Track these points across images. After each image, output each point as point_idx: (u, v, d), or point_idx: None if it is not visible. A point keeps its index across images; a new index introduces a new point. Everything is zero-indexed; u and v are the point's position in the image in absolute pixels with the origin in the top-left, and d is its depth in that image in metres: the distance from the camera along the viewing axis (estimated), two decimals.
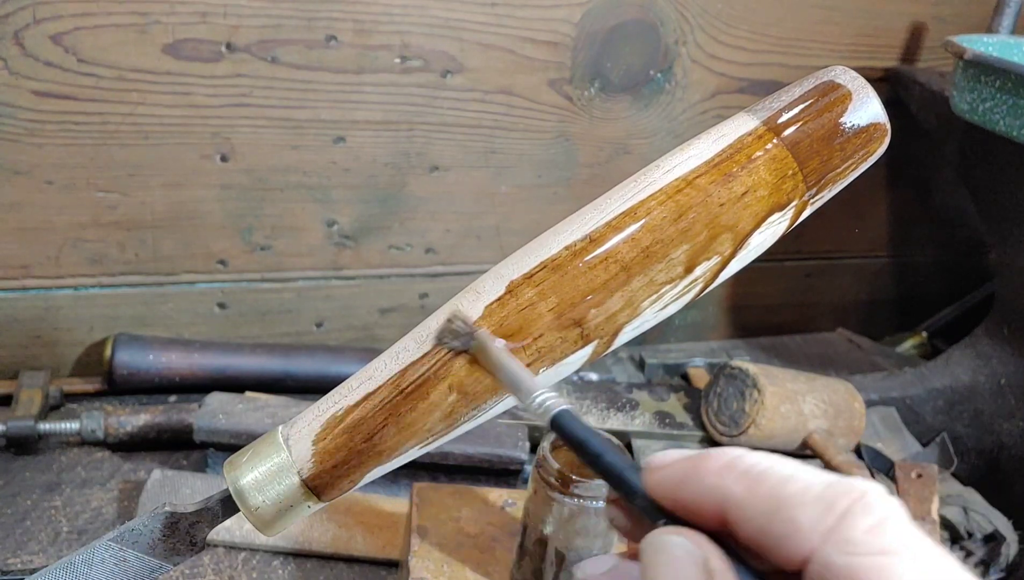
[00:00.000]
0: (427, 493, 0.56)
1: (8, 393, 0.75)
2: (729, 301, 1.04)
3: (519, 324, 0.34)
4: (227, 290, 0.83)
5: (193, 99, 0.73)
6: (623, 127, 0.88)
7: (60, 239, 0.76)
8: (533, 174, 0.87)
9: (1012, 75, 0.71)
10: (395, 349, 0.36)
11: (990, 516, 0.76)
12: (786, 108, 0.35)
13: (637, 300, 0.34)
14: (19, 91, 0.69)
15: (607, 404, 0.83)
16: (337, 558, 0.63)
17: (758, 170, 0.34)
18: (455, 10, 0.77)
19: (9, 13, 0.66)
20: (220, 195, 0.78)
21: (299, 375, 0.81)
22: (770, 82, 0.91)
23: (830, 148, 0.35)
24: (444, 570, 0.50)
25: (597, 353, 0.35)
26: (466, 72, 0.80)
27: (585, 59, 0.83)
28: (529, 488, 0.47)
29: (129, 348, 0.77)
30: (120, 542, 0.37)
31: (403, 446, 0.35)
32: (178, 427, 0.72)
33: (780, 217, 0.35)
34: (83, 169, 0.73)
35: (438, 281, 0.89)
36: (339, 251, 0.85)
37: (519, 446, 0.71)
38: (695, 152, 0.35)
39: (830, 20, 0.90)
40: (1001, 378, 0.83)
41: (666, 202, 0.34)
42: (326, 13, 0.74)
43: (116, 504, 0.67)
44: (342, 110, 0.78)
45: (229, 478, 0.36)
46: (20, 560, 0.60)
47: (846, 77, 0.35)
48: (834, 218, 1.02)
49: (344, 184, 0.81)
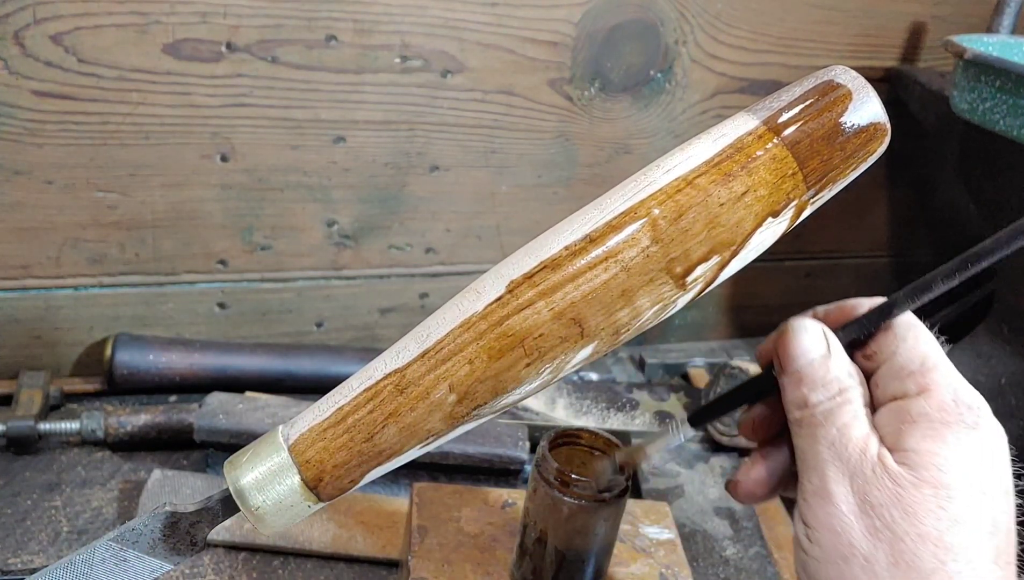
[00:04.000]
0: (427, 493, 0.56)
1: (8, 393, 0.75)
2: (729, 301, 1.04)
3: (519, 324, 0.34)
4: (227, 290, 0.83)
5: (193, 99, 0.73)
6: (623, 127, 0.88)
7: (60, 239, 0.76)
8: (533, 174, 0.87)
9: (1012, 75, 0.71)
10: (395, 349, 0.36)
11: None
12: (786, 108, 0.35)
13: (637, 300, 0.34)
14: (19, 91, 0.69)
15: (607, 404, 0.83)
16: (337, 558, 0.63)
17: (758, 170, 0.34)
18: (455, 10, 0.77)
19: (9, 13, 0.66)
20: (220, 195, 0.78)
21: (299, 375, 0.81)
22: (770, 82, 0.91)
23: (830, 148, 0.35)
24: (444, 570, 0.50)
25: (597, 353, 0.35)
26: (466, 72, 0.80)
27: (585, 59, 0.83)
28: (529, 488, 0.47)
29: (129, 348, 0.77)
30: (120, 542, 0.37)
31: (403, 446, 0.35)
32: (178, 427, 0.72)
33: (780, 217, 0.35)
34: (83, 169, 0.73)
35: (438, 281, 0.89)
36: (339, 251, 0.85)
37: (519, 446, 0.71)
38: (695, 152, 0.35)
39: (830, 20, 0.90)
40: (1001, 378, 0.83)
41: (666, 202, 0.34)
42: (326, 13, 0.74)
43: (116, 504, 0.67)
44: (342, 110, 0.78)
45: (229, 478, 0.36)
46: (20, 560, 0.60)
47: (846, 77, 0.35)
48: (834, 218, 1.03)
49: (344, 184, 0.81)
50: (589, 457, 0.48)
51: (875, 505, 0.31)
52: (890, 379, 0.35)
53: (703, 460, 0.79)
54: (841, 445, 0.33)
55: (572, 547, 0.46)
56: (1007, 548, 0.32)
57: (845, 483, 0.32)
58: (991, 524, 0.31)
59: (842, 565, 0.31)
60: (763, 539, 0.70)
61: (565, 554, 0.47)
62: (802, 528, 0.33)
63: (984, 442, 0.32)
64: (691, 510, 0.73)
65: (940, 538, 0.30)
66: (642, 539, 0.54)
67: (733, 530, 0.71)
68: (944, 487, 0.31)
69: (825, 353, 0.35)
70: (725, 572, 0.67)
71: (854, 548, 0.31)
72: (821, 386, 0.34)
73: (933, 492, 0.31)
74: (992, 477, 0.32)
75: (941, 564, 0.30)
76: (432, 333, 0.35)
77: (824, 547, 0.32)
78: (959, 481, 0.31)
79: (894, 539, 0.31)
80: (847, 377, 0.35)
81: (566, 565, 0.47)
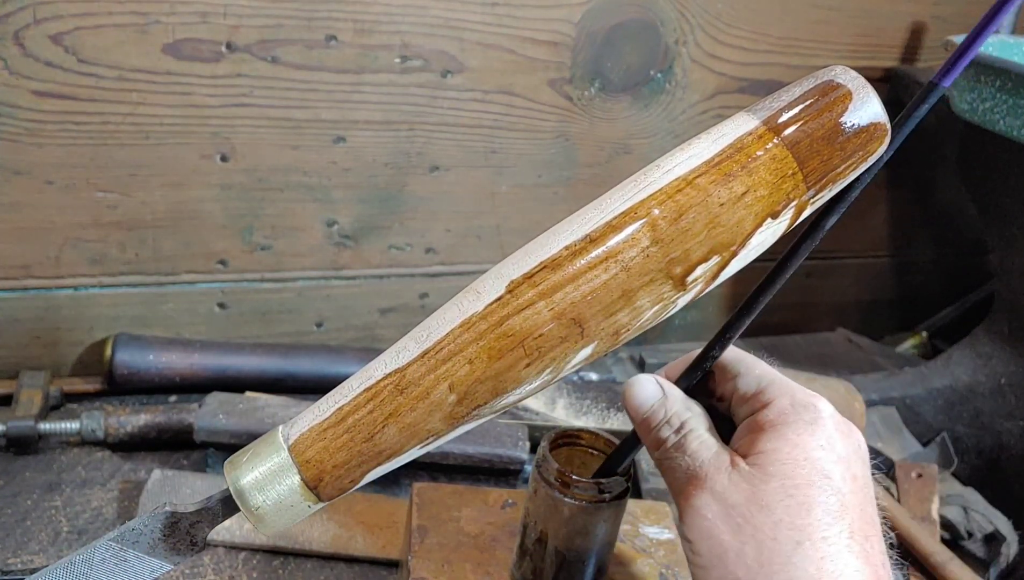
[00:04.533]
0: (427, 493, 0.56)
1: (8, 393, 0.75)
2: (729, 301, 1.04)
3: (519, 324, 0.34)
4: (227, 290, 0.83)
5: (193, 99, 0.73)
6: (623, 127, 0.88)
7: (60, 239, 0.76)
8: (533, 174, 0.87)
9: (1012, 75, 0.71)
10: (395, 349, 0.36)
11: (990, 516, 0.76)
12: (786, 108, 0.35)
13: (637, 300, 0.34)
14: (19, 91, 0.69)
15: (607, 404, 0.83)
16: (337, 558, 0.63)
17: (758, 170, 0.34)
18: (455, 10, 0.77)
19: (9, 13, 0.66)
20: (220, 195, 0.78)
21: (299, 375, 0.81)
22: (770, 82, 0.91)
23: (830, 148, 0.35)
24: (444, 570, 0.50)
25: (597, 353, 0.35)
26: (466, 72, 0.80)
27: (585, 59, 0.83)
28: (529, 488, 0.47)
29: (129, 348, 0.77)
30: (120, 542, 0.37)
31: (403, 446, 0.35)
32: (178, 427, 0.72)
33: (780, 217, 0.35)
34: (83, 169, 0.73)
35: (438, 281, 0.89)
36: (339, 251, 0.85)
37: (519, 446, 0.71)
38: (695, 152, 0.35)
39: (830, 20, 0.90)
40: (1001, 378, 0.83)
41: (666, 202, 0.34)
42: (326, 13, 0.74)
43: (116, 504, 0.67)
44: (342, 110, 0.78)
45: (229, 478, 0.36)
46: (20, 560, 0.60)
47: (846, 77, 0.35)
48: None
49: (344, 184, 0.81)
50: (589, 458, 0.48)
51: (734, 505, 0.35)
52: (739, 406, 0.40)
53: None
54: (694, 467, 0.37)
55: (572, 547, 0.46)
56: (861, 525, 0.35)
57: (705, 496, 0.36)
58: (838, 504, 0.35)
59: (720, 566, 0.35)
60: None
61: (565, 554, 0.47)
62: (686, 545, 0.37)
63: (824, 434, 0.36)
64: None
65: (793, 522, 0.34)
66: (642, 539, 0.54)
67: None
68: (789, 477, 0.35)
69: (661, 397, 0.40)
70: None
71: (725, 547, 0.35)
72: (664, 425, 0.39)
73: (780, 484, 0.35)
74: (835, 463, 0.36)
75: (798, 544, 0.34)
76: (432, 333, 0.35)
77: (704, 555, 0.36)
78: (801, 470, 0.35)
79: (755, 531, 0.35)
80: (684, 411, 0.39)
81: (566, 565, 0.47)
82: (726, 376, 0.40)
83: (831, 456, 0.36)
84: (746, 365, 0.40)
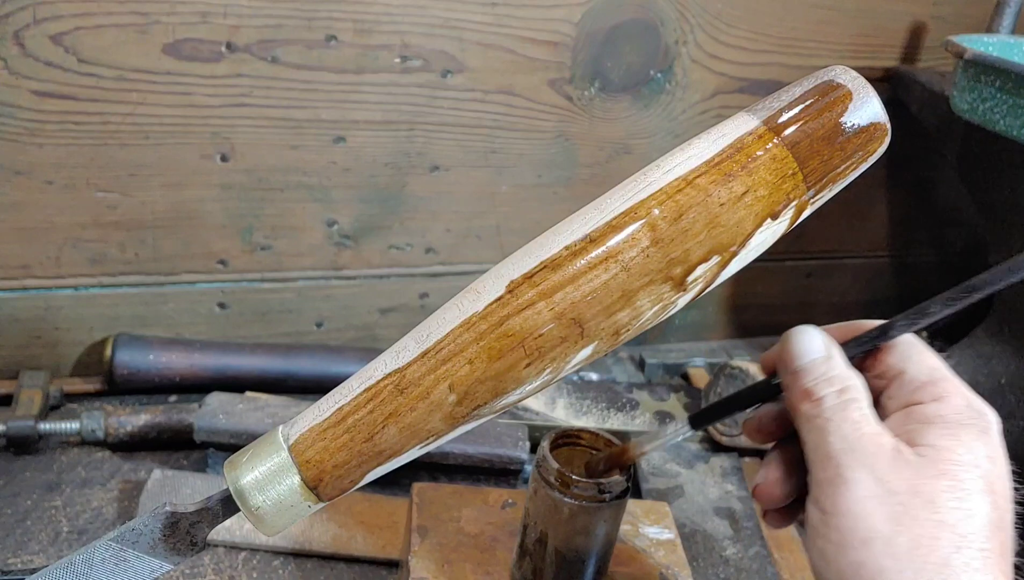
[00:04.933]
0: (427, 493, 0.56)
1: (8, 393, 0.75)
2: (729, 301, 1.04)
3: (519, 324, 0.34)
4: (227, 290, 0.83)
5: (193, 99, 0.73)
6: (623, 127, 0.88)
7: (60, 239, 0.76)
8: (533, 174, 0.87)
9: (1012, 75, 0.71)
10: (395, 349, 0.36)
11: None
12: (786, 108, 0.35)
13: (637, 300, 0.34)
14: (19, 91, 0.69)
15: (607, 404, 0.83)
16: (337, 558, 0.63)
17: (758, 170, 0.34)
18: (455, 10, 0.77)
19: (9, 13, 0.66)
20: (220, 195, 0.78)
21: (299, 375, 0.81)
22: (770, 82, 0.91)
23: (830, 148, 0.35)
24: (444, 570, 0.50)
25: (597, 353, 0.35)
26: (466, 72, 0.80)
27: (585, 59, 0.83)
28: (529, 489, 0.47)
29: (129, 348, 0.77)
30: (120, 542, 0.37)
31: (403, 446, 0.35)
32: (178, 427, 0.72)
33: (780, 217, 0.35)
34: (83, 169, 0.73)
35: (438, 281, 0.89)
36: (339, 251, 0.85)
37: (519, 446, 0.71)
38: (695, 152, 0.35)
39: (830, 20, 0.90)
40: (1001, 378, 0.83)
41: (666, 202, 0.34)
42: (326, 13, 0.74)
43: (116, 504, 0.67)
44: (342, 110, 0.78)
45: (229, 478, 0.36)
46: (20, 560, 0.60)
47: (846, 77, 0.35)
48: (834, 218, 1.03)
49: (344, 184, 0.81)
50: (590, 458, 0.48)
51: (896, 492, 0.33)
52: (902, 391, 0.37)
53: (703, 460, 0.79)
54: (855, 438, 0.34)
55: (572, 547, 0.46)
56: (1010, 545, 0.34)
57: (862, 471, 0.34)
58: (999, 520, 0.33)
59: (862, 549, 0.33)
60: (763, 539, 0.70)
61: (565, 554, 0.47)
62: (818, 515, 0.34)
63: (994, 446, 0.35)
64: (691, 510, 0.73)
65: (956, 526, 0.32)
66: (642, 539, 0.54)
67: (733, 530, 0.71)
68: (960, 481, 0.33)
69: (826, 355, 0.37)
70: (725, 572, 0.67)
71: (875, 532, 0.33)
72: (824, 382, 0.36)
73: (950, 484, 0.33)
74: (999, 479, 0.34)
75: (957, 550, 0.32)
76: (432, 333, 0.35)
77: (843, 532, 0.33)
78: (973, 478, 0.33)
79: (915, 524, 0.32)
80: (849, 377, 0.36)
81: (566, 565, 0.47)
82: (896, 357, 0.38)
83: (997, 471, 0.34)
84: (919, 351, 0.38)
